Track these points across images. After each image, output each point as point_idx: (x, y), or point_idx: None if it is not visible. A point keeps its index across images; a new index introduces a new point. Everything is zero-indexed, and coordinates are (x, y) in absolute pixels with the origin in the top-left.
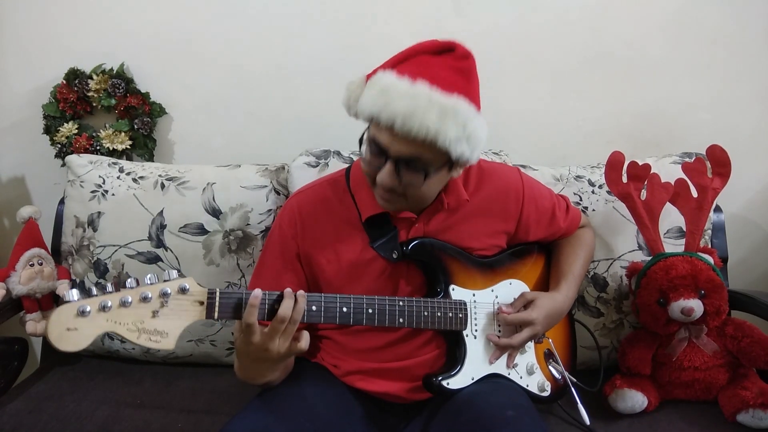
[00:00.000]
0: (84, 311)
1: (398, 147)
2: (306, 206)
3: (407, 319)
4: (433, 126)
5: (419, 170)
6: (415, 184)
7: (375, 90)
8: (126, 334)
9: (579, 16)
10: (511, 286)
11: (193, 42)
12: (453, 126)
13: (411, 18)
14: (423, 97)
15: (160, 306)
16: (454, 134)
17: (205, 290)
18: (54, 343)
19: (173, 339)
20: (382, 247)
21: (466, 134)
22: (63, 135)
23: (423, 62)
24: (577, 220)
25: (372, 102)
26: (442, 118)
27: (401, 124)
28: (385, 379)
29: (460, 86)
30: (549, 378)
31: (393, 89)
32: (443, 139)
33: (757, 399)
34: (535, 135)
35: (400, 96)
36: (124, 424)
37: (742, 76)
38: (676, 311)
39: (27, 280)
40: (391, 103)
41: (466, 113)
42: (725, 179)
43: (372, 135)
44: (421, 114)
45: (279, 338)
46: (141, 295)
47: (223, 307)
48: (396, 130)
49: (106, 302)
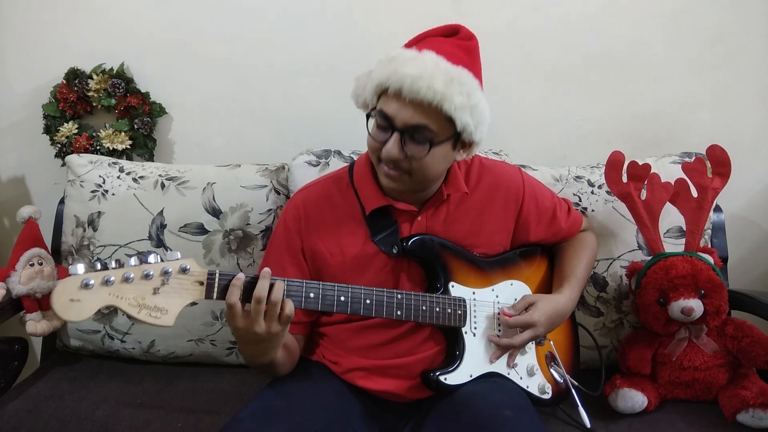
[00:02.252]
0: (88, 284)
1: (405, 114)
2: (310, 202)
3: (405, 312)
4: (439, 89)
5: (424, 141)
6: (420, 156)
7: (384, 62)
8: (127, 308)
9: (579, 16)
10: (512, 287)
11: (193, 42)
12: (458, 93)
13: (411, 18)
14: (430, 62)
15: (161, 284)
16: (459, 101)
17: (206, 271)
18: (58, 312)
19: (172, 316)
20: (383, 241)
21: (470, 104)
22: (63, 135)
23: (429, 40)
24: (579, 222)
25: (381, 70)
26: (447, 83)
27: (410, 85)
28: (385, 377)
29: (464, 60)
30: (550, 380)
31: (401, 56)
32: (449, 104)
33: (757, 399)
34: (535, 135)
35: (409, 60)
36: (124, 424)
37: (742, 76)
38: (676, 311)
39: (27, 280)
40: (399, 68)
41: (470, 83)
42: (725, 179)
43: (379, 108)
44: (429, 77)
45: (262, 320)
46: (143, 272)
47: (222, 288)
48: (404, 94)
49: (110, 277)
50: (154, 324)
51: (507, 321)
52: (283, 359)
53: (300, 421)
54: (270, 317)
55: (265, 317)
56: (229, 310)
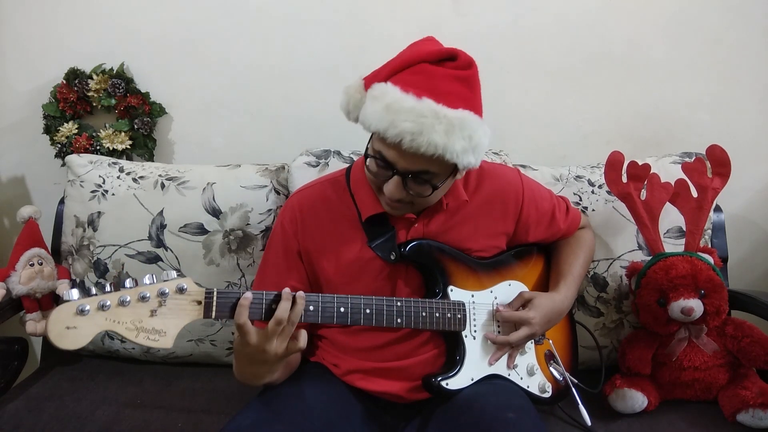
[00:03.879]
0: (83, 310)
1: (406, 163)
2: (307, 204)
3: (405, 320)
4: (441, 142)
5: (426, 183)
6: (423, 195)
7: (380, 106)
8: (124, 332)
9: (579, 16)
10: (510, 288)
11: (193, 42)
12: (460, 139)
13: (411, 18)
14: (429, 114)
15: (158, 305)
16: (461, 147)
17: (203, 290)
18: (54, 341)
19: (171, 338)
20: (380, 247)
21: (472, 146)
22: (63, 135)
23: (425, 73)
24: (577, 221)
25: (378, 119)
26: (449, 133)
27: (409, 142)
28: (385, 379)
29: (464, 98)
30: (550, 379)
31: (398, 106)
32: (451, 153)
33: (757, 399)
34: (535, 135)
35: (407, 113)
36: (124, 424)
37: (742, 77)
38: (676, 311)
39: (27, 280)
40: (397, 122)
41: (471, 125)
42: (725, 179)
43: (378, 149)
44: (429, 131)
45: (276, 340)
46: (139, 294)
47: (221, 307)
48: (404, 148)
49: (105, 301)
50: (153, 347)
51: (502, 315)
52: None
53: (300, 422)
54: (284, 337)
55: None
56: (239, 330)
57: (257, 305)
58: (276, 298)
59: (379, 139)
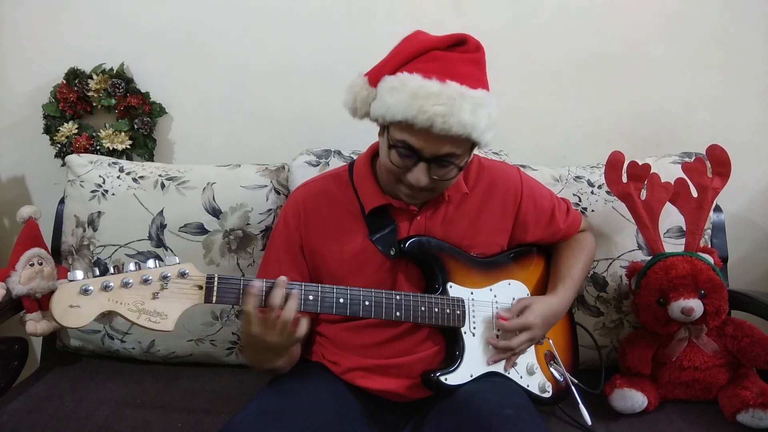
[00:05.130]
0: (87, 290)
1: (433, 147)
2: (310, 199)
3: (404, 313)
4: (469, 121)
5: (451, 164)
6: (448, 177)
7: (404, 95)
8: (126, 313)
9: (579, 16)
10: (510, 287)
11: (194, 42)
12: (484, 117)
13: (411, 18)
14: (456, 95)
15: (160, 288)
16: (485, 124)
17: (204, 275)
18: (57, 319)
19: (172, 321)
20: (380, 240)
21: (492, 122)
22: (63, 135)
23: (440, 59)
24: (578, 223)
25: (405, 107)
26: (474, 112)
27: (441, 123)
28: (385, 376)
29: (479, 79)
30: (550, 379)
31: (425, 92)
32: (478, 131)
33: (757, 399)
34: (535, 135)
35: (436, 97)
36: (124, 424)
37: (742, 76)
38: (676, 311)
39: (27, 280)
40: (426, 107)
41: (490, 103)
42: (725, 179)
43: (401, 138)
44: (458, 112)
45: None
46: (142, 277)
47: (221, 292)
48: (434, 131)
49: (108, 282)
50: (154, 329)
51: (504, 325)
52: (285, 363)
53: (299, 421)
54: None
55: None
56: (245, 317)
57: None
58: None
59: (402, 127)
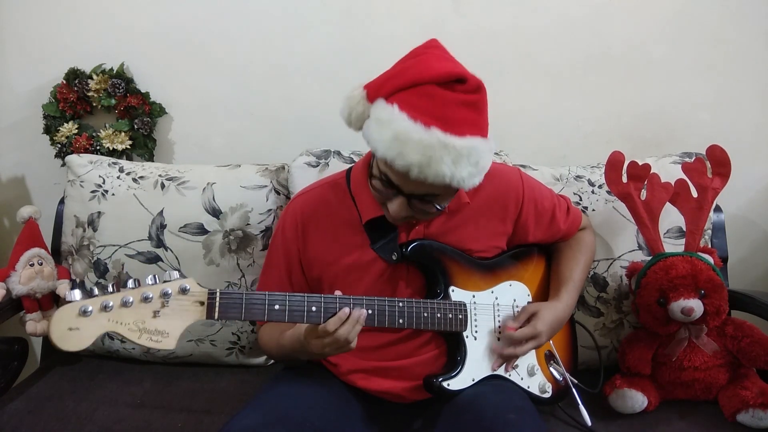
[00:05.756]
0: (86, 311)
1: (412, 187)
2: (308, 209)
3: (407, 320)
4: (448, 172)
5: (430, 203)
6: (428, 212)
7: (387, 134)
8: (127, 334)
9: (579, 16)
10: (511, 288)
11: (194, 42)
12: (467, 166)
13: (411, 18)
14: (437, 146)
15: (161, 306)
16: (468, 173)
17: (206, 291)
18: (56, 342)
19: (174, 339)
20: (382, 248)
21: (478, 170)
22: (63, 135)
23: (434, 98)
24: (578, 221)
25: (386, 147)
26: (456, 163)
27: (417, 173)
28: (385, 378)
29: (472, 123)
30: (550, 379)
31: (406, 137)
32: (458, 181)
33: (757, 399)
34: (535, 135)
35: (415, 144)
36: (124, 424)
37: (742, 76)
38: (676, 311)
39: (27, 280)
40: (405, 153)
41: (478, 152)
42: (725, 179)
43: (384, 171)
44: (437, 163)
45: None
46: (142, 295)
47: (223, 308)
48: (411, 178)
49: (108, 302)
50: (155, 348)
51: (512, 335)
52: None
53: (300, 422)
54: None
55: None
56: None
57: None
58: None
59: (384, 163)
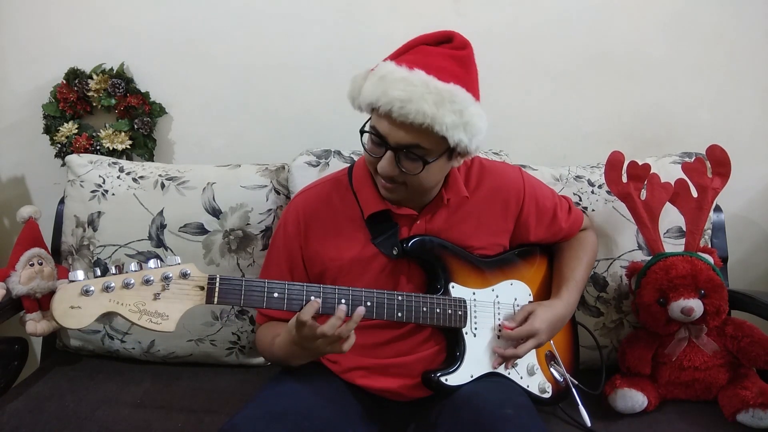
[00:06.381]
0: (88, 290)
1: (396, 135)
2: (309, 205)
3: (406, 314)
4: (429, 111)
5: (418, 159)
6: (414, 172)
7: (374, 79)
8: (128, 314)
9: (579, 16)
10: (512, 287)
11: (194, 42)
12: (449, 112)
13: (411, 18)
14: (419, 84)
15: (161, 289)
16: (451, 121)
17: (206, 276)
18: (58, 319)
19: (173, 322)
20: (383, 243)
21: (463, 121)
22: (63, 135)
23: (422, 51)
24: (579, 221)
25: (371, 90)
26: (438, 104)
27: (398, 109)
28: (385, 376)
29: (457, 74)
30: (550, 379)
31: (390, 76)
32: (440, 125)
33: (757, 399)
34: (535, 135)
35: (398, 82)
36: (124, 424)
37: (742, 77)
38: (676, 311)
39: (27, 280)
40: (388, 90)
41: (462, 100)
42: (725, 179)
43: (372, 124)
44: (418, 100)
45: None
46: (144, 278)
47: (223, 293)
48: (394, 116)
49: (110, 283)
50: (155, 330)
51: (509, 334)
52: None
53: (299, 422)
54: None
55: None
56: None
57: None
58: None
59: (374, 113)
